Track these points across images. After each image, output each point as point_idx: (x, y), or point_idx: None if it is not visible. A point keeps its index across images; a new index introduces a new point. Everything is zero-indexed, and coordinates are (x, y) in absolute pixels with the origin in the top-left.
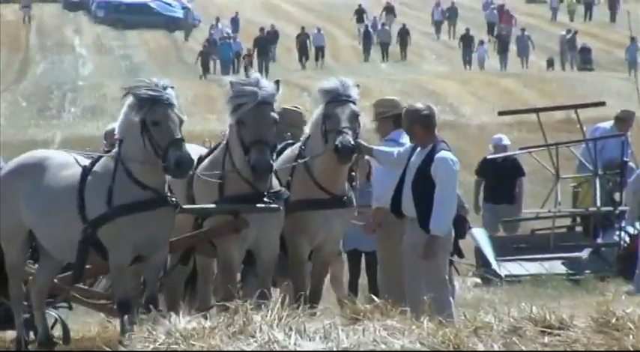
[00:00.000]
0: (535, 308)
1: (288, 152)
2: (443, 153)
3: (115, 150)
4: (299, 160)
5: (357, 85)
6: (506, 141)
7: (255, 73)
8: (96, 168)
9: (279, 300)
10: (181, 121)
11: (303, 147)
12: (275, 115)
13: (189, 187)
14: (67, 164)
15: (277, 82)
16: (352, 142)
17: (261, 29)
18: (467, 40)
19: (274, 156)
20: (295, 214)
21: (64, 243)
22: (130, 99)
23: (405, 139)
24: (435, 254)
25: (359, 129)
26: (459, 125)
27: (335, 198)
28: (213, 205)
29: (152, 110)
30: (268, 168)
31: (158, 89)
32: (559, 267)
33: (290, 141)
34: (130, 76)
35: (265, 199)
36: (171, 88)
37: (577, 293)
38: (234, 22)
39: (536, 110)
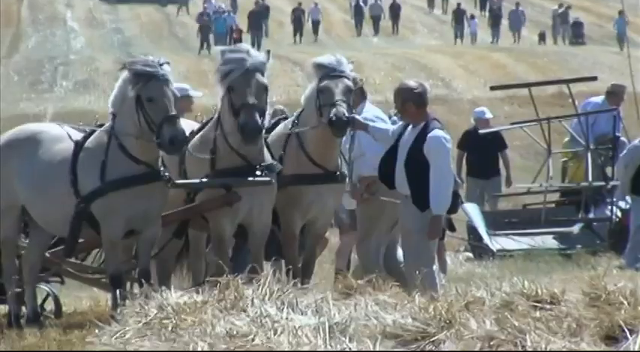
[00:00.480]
0: (527, 282)
1: (281, 127)
2: (435, 132)
3: (108, 124)
4: (292, 130)
5: (352, 62)
6: (488, 114)
7: (244, 44)
8: (89, 142)
9: (270, 275)
10: (176, 98)
11: (296, 121)
12: (265, 81)
13: (182, 162)
14: (59, 138)
15: (268, 52)
16: (347, 115)
17: (256, 3)
18: (458, 15)
19: (264, 123)
20: (288, 189)
21: (58, 218)
22: (125, 74)
23: (369, 111)
24: (439, 233)
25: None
26: (450, 100)
27: (328, 172)
28: (205, 179)
29: (147, 86)
30: (257, 130)
31: (154, 65)
32: (551, 242)
33: (283, 117)
34: (121, 50)
35: (257, 172)
36: (168, 63)
37: (569, 268)
38: None
39: (528, 85)
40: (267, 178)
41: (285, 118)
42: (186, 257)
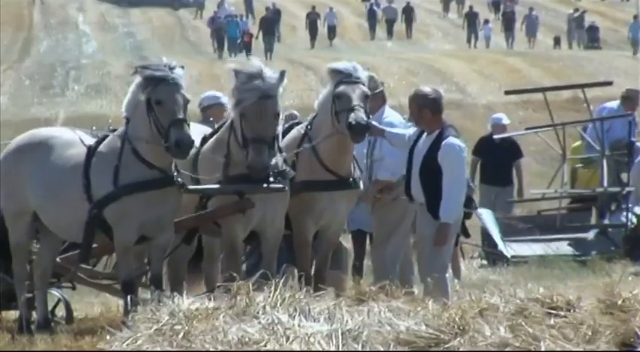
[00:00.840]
0: (541, 289)
1: (294, 132)
2: (450, 140)
3: (122, 128)
4: (305, 145)
5: (367, 68)
6: (505, 120)
7: (256, 61)
8: (102, 147)
9: (282, 281)
10: (186, 102)
11: (309, 127)
12: (277, 109)
13: (195, 167)
14: (72, 143)
15: (282, 73)
16: (366, 119)
17: (267, 8)
18: (471, 18)
19: (279, 135)
20: (301, 195)
21: (70, 224)
22: (137, 79)
23: (390, 116)
24: (445, 241)
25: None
26: (465, 104)
27: (341, 179)
28: (218, 186)
29: (156, 89)
30: (263, 168)
31: (164, 69)
32: (565, 248)
33: (296, 121)
34: (133, 54)
35: (270, 179)
36: (181, 67)
37: (583, 274)
38: (248, 0)
39: (543, 89)
40: (281, 185)
41: (298, 123)
42: (200, 262)
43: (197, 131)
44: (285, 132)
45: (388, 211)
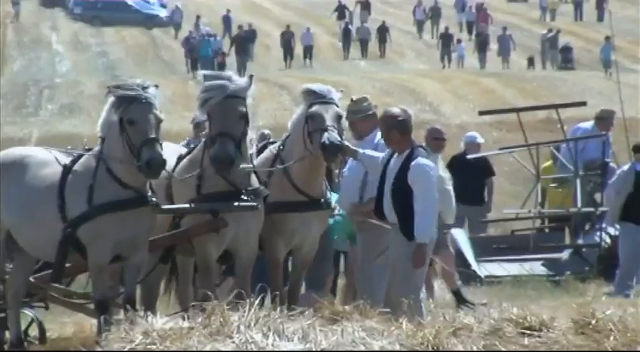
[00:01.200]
0: (515, 309)
1: (267, 152)
2: (419, 161)
3: (97, 148)
4: (277, 166)
5: (341, 90)
6: (479, 139)
7: (227, 72)
8: (77, 166)
9: (256, 301)
10: (159, 121)
11: (281, 147)
12: (243, 109)
13: (168, 187)
14: (46, 162)
15: (251, 77)
16: (339, 140)
17: (240, 27)
18: (446, 39)
19: (253, 155)
20: (272, 216)
21: (45, 243)
22: (111, 98)
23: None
24: (424, 262)
25: (342, 131)
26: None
27: (312, 200)
28: (191, 205)
29: (129, 109)
30: (228, 160)
31: (137, 88)
32: (539, 268)
33: (271, 141)
34: (107, 74)
35: (243, 197)
36: (155, 87)
37: (557, 294)
38: (226, 20)
39: (517, 110)
40: (254, 203)
41: (273, 143)
42: (174, 282)
43: (171, 150)
44: (259, 152)
45: (375, 229)
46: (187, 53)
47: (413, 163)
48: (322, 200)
